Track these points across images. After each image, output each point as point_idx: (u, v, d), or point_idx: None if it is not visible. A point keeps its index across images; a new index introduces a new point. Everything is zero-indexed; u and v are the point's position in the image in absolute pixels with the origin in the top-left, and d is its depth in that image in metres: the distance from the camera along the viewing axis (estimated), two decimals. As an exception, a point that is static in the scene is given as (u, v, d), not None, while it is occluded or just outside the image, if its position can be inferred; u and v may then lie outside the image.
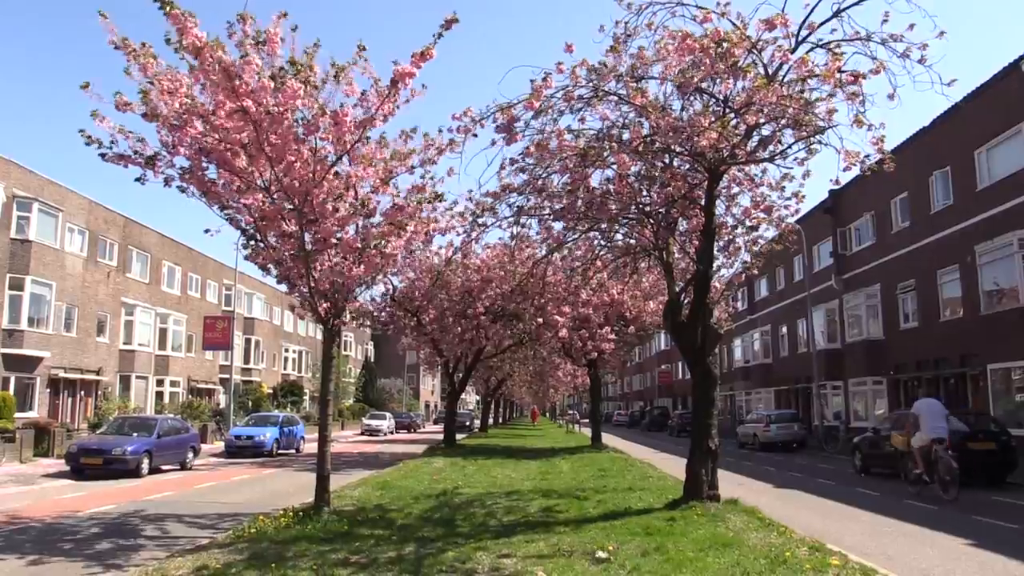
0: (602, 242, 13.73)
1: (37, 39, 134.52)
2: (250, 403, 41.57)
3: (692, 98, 9.81)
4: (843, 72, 8.68)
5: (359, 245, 9.62)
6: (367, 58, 8.56)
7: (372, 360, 75.51)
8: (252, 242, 10.53)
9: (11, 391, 25.49)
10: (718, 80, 9.21)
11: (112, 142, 8.61)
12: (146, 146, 8.82)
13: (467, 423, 54.00)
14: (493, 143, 9.37)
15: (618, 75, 9.22)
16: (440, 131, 9.72)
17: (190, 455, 20.62)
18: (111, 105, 8.15)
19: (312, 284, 9.86)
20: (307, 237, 9.66)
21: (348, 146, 9.00)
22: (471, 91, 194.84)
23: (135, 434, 18.94)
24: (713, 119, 9.21)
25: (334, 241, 9.71)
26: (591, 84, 9.18)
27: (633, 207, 11.66)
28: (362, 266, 9.75)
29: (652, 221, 11.70)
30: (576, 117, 9.72)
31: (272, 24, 8.11)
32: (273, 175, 9.09)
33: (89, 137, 8.49)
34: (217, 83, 7.99)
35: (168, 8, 7.46)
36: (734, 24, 8.88)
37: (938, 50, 8.35)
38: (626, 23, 9.02)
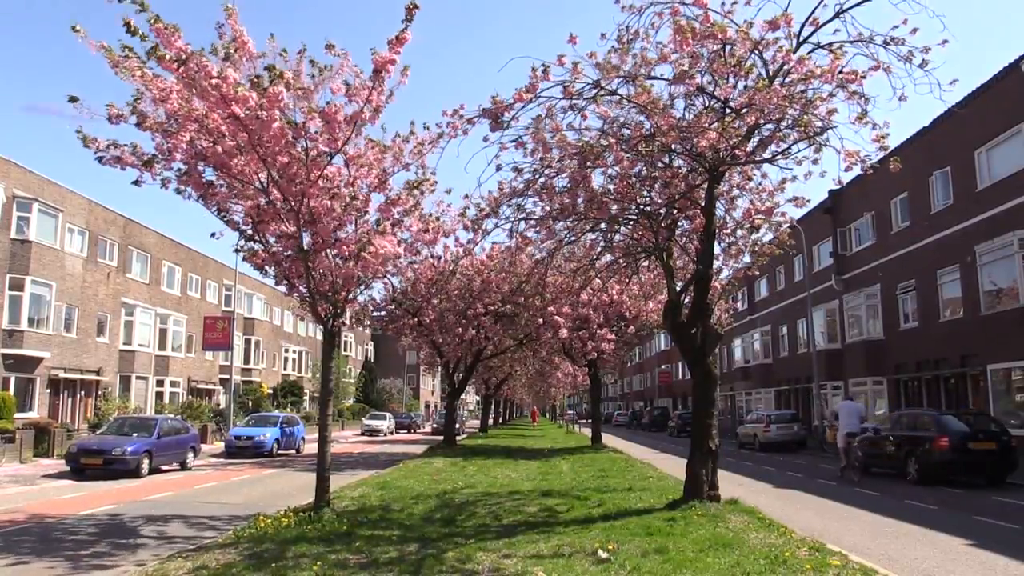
0: (602, 243, 13.72)
1: (37, 39, 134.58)
2: (250, 403, 41.58)
3: (693, 99, 9.82)
4: (843, 72, 8.70)
5: (355, 246, 9.60)
6: (346, 53, 8.59)
7: (372, 360, 75.53)
8: (250, 243, 10.53)
9: (11, 391, 25.49)
10: (719, 80, 9.22)
11: (108, 146, 8.61)
12: (141, 150, 8.82)
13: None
14: (486, 139, 9.39)
15: (622, 76, 9.23)
16: (427, 127, 9.78)
17: (190, 455, 20.62)
18: (104, 117, 8.17)
19: (311, 284, 9.86)
20: (306, 237, 9.66)
21: (340, 143, 8.99)
22: (472, 88, 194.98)
23: (135, 434, 18.94)
24: (713, 119, 9.21)
25: (332, 241, 9.71)
26: (593, 81, 9.17)
27: (634, 207, 11.67)
28: (359, 264, 9.74)
29: (653, 221, 11.70)
30: (577, 114, 9.72)
31: (228, 20, 8.01)
32: (269, 176, 9.09)
33: (85, 137, 8.49)
34: (204, 91, 7.97)
35: (150, 24, 7.45)
36: (736, 25, 8.90)
37: (940, 54, 8.35)
38: (627, 26, 9.04)
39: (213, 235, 10.13)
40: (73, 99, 7.75)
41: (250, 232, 10.20)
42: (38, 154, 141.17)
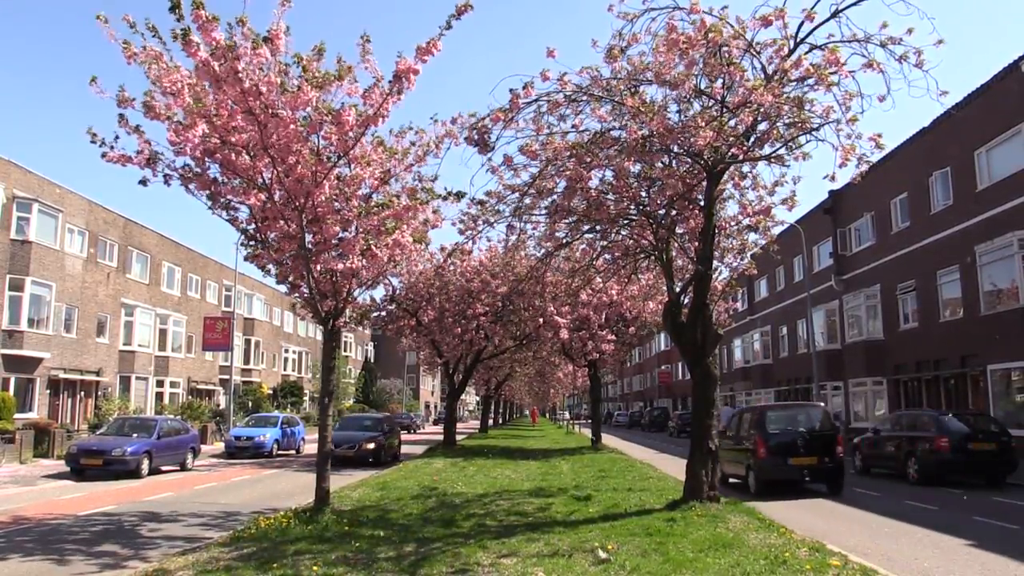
0: (602, 243, 13.73)
1: (38, 39, 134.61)
2: (250, 404, 41.56)
3: (689, 100, 9.85)
4: (838, 71, 8.74)
5: (362, 245, 9.58)
6: (371, 50, 8.49)
7: (372, 360, 75.53)
8: (252, 242, 10.53)
9: (11, 392, 25.48)
10: (715, 79, 9.26)
11: (116, 137, 8.62)
12: (150, 146, 8.83)
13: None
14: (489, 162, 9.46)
15: (615, 78, 9.28)
16: (435, 120, 9.78)
17: (190, 456, 20.61)
18: (113, 101, 8.21)
19: (313, 285, 9.86)
20: (308, 237, 9.66)
21: (349, 145, 9.00)
22: (473, 83, 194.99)
23: (135, 435, 18.94)
24: (710, 119, 9.23)
25: (335, 242, 9.72)
26: (582, 90, 9.23)
27: (632, 207, 11.67)
28: (365, 261, 9.73)
29: (652, 221, 11.70)
30: (571, 121, 9.76)
31: (275, 17, 8.09)
32: (275, 175, 9.09)
33: (94, 135, 8.50)
34: (223, 84, 8.00)
35: (193, 8, 7.54)
36: (732, 27, 8.93)
37: (936, 55, 8.39)
38: (621, 33, 9.08)
39: (210, 207, 9.98)
40: (92, 79, 7.90)
41: (252, 231, 10.20)
42: (38, 154, 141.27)
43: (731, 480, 15.26)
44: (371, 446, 20.91)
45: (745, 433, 15.00)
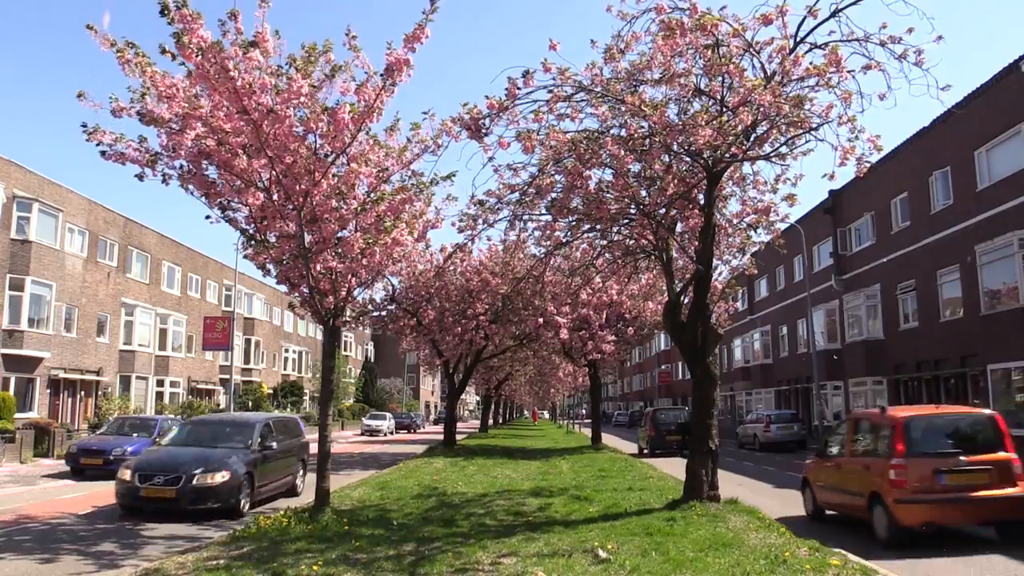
0: (601, 242, 13.71)
1: (38, 39, 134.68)
2: (250, 403, 41.58)
3: (688, 100, 9.84)
4: (838, 70, 8.75)
5: (361, 244, 9.58)
6: (359, 47, 8.44)
7: (372, 360, 75.55)
8: (252, 242, 10.53)
9: (11, 391, 25.49)
10: (714, 78, 9.26)
11: (115, 139, 8.62)
12: (147, 146, 8.83)
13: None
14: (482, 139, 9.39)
15: (615, 78, 9.27)
16: (428, 113, 9.74)
17: (190, 455, 20.55)
18: (108, 111, 8.20)
19: (312, 284, 9.85)
20: (307, 237, 9.66)
21: (346, 143, 8.98)
22: (474, 83, 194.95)
23: (135, 434, 18.94)
24: (709, 118, 9.24)
25: (335, 241, 9.72)
26: (582, 88, 9.22)
27: (632, 206, 11.66)
28: (365, 259, 9.73)
29: (652, 221, 11.69)
30: (569, 120, 9.74)
31: (258, 19, 8.07)
32: (273, 175, 9.09)
33: (90, 133, 8.49)
34: (217, 85, 7.99)
35: (176, 8, 7.52)
36: (731, 25, 8.94)
37: (936, 54, 8.42)
38: (619, 34, 9.08)
39: (207, 218, 9.97)
40: (80, 94, 7.85)
41: (252, 232, 10.20)
42: (38, 154, 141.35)
43: (643, 451, 26.57)
44: (218, 478, 11.01)
45: (646, 423, 27.51)
